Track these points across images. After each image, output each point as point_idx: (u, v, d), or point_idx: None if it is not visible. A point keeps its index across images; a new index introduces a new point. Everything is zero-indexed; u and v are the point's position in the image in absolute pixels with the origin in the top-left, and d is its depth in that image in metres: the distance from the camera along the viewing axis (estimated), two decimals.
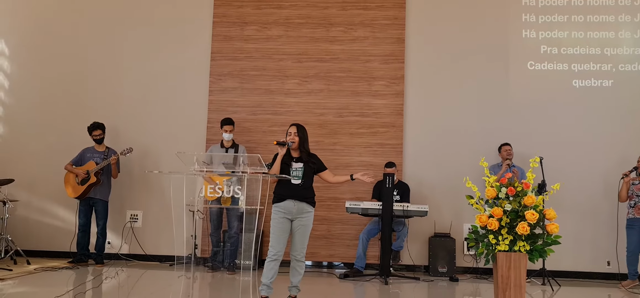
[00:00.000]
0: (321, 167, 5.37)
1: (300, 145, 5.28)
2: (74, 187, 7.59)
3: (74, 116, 8.33)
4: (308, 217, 5.19)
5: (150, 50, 8.51)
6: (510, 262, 4.37)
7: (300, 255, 5.19)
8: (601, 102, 8.11)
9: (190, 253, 7.46)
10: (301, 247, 5.18)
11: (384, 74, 8.28)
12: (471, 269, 7.86)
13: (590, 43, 8.24)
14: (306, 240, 5.21)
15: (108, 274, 7.07)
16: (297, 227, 5.16)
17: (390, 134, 8.20)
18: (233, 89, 8.37)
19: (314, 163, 5.30)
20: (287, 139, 5.27)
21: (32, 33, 8.66)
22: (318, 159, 5.38)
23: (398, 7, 8.37)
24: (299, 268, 5.23)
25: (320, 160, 5.40)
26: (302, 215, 5.16)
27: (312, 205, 5.26)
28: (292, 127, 5.31)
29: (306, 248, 5.24)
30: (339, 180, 5.47)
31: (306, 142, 5.31)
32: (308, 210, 5.19)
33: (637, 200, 7.10)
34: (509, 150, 7.72)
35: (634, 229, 7.10)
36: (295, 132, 5.26)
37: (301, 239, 5.18)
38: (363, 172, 5.35)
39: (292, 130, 5.28)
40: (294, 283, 5.26)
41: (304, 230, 5.17)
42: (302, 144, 5.28)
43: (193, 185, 5.45)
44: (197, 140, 8.27)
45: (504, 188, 4.44)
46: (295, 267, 5.23)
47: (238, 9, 8.47)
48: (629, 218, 7.19)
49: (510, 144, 7.75)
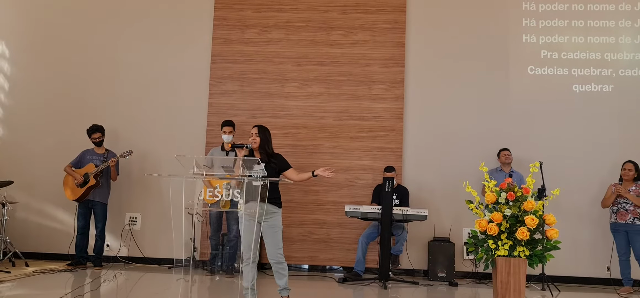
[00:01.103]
0: (284, 166, 5.29)
1: (261, 146, 5.26)
2: (73, 190, 7.57)
3: (74, 118, 8.32)
4: (275, 217, 5.13)
5: (150, 52, 8.52)
6: (509, 267, 4.36)
7: (277, 257, 5.13)
8: (601, 107, 8.10)
9: (189, 256, 7.47)
10: (275, 249, 5.12)
11: (384, 78, 8.28)
12: (470, 274, 7.85)
13: (590, 48, 8.24)
14: (279, 240, 5.14)
15: (106, 277, 7.05)
16: (265, 229, 5.12)
17: (390, 137, 8.19)
18: (233, 92, 8.36)
19: (275, 164, 5.23)
20: (248, 141, 5.26)
21: (32, 36, 8.67)
22: (282, 158, 5.33)
23: (398, 11, 8.37)
24: (282, 270, 5.19)
25: (284, 160, 5.33)
26: (268, 216, 5.10)
27: (278, 206, 5.19)
28: (253, 128, 5.31)
29: (281, 248, 5.17)
30: (302, 177, 5.35)
31: (268, 143, 5.29)
32: (273, 211, 5.13)
33: (620, 206, 7.13)
34: (507, 155, 7.71)
35: (620, 233, 7.16)
36: (256, 133, 5.25)
37: (272, 241, 5.12)
38: (324, 168, 5.26)
39: (253, 131, 5.28)
40: (281, 285, 5.22)
41: (273, 231, 5.11)
42: (264, 145, 5.26)
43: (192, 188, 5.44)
44: (196, 143, 8.26)
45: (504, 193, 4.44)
46: (277, 270, 5.19)
47: (238, 12, 8.47)
48: (612, 223, 7.24)
49: (508, 149, 7.75)
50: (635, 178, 7.18)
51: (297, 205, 8.13)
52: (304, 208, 8.15)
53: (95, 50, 8.56)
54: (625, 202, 7.11)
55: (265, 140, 5.28)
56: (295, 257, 8.12)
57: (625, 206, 7.10)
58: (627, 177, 7.19)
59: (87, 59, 8.55)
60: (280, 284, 5.23)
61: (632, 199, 7.02)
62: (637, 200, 7.00)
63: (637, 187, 7.10)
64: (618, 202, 7.18)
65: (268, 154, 5.25)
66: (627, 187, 7.15)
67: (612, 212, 7.26)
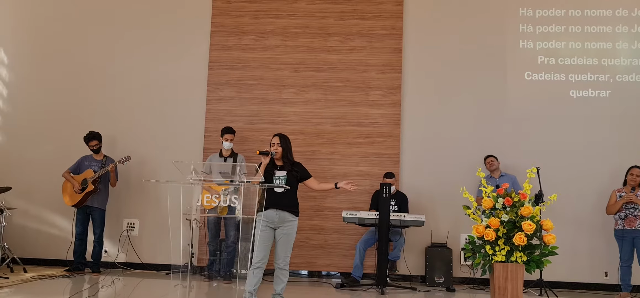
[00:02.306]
0: (305, 175, 5.44)
1: (284, 154, 5.35)
2: (71, 195, 7.57)
3: (72, 124, 8.33)
4: (291, 226, 5.24)
5: (148, 59, 8.53)
6: (507, 272, 4.37)
7: (283, 264, 5.23)
8: (599, 113, 8.12)
9: (187, 262, 7.46)
10: (284, 255, 5.22)
11: (381, 84, 8.30)
12: (468, 279, 7.85)
13: (587, 54, 8.27)
14: (289, 248, 5.25)
15: (104, 283, 7.05)
16: (280, 236, 5.22)
17: (387, 143, 8.21)
18: (230, 98, 8.37)
19: (297, 172, 5.35)
20: (270, 149, 5.34)
21: (30, 42, 8.68)
22: (302, 167, 5.45)
23: (395, 17, 8.40)
24: (283, 277, 5.27)
25: (304, 168, 5.47)
26: (284, 224, 5.22)
27: (295, 215, 5.30)
28: (275, 137, 5.41)
29: (289, 256, 5.28)
30: (324, 187, 5.55)
31: (289, 152, 5.41)
32: (290, 220, 5.24)
33: (628, 212, 7.10)
34: (491, 161, 7.73)
35: (626, 240, 7.09)
36: (278, 143, 5.36)
37: (284, 248, 5.22)
38: (347, 181, 5.43)
39: (275, 141, 5.38)
40: (277, 291, 5.28)
41: (286, 239, 5.22)
42: (286, 154, 5.36)
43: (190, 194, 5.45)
44: (194, 149, 8.26)
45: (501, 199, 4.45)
46: (278, 275, 5.26)
47: (236, 18, 8.49)
48: (618, 230, 7.17)
49: (493, 155, 7.78)
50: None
51: None
52: (301, 214, 7.91)
53: (93, 57, 8.57)
54: (634, 208, 7.05)
55: (287, 148, 5.41)
56: (293, 263, 8.04)
57: (634, 212, 7.05)
58: (633, 182, 7.16)
59: (86, 66, 8.56)
60: (276, 289, 5.28)
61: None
62: None
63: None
64: (626, 208, 7.11)
65: (291, 162, 5.34)
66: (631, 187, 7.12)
67: (619, 218, 7.18)
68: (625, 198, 7.09)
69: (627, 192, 7.11)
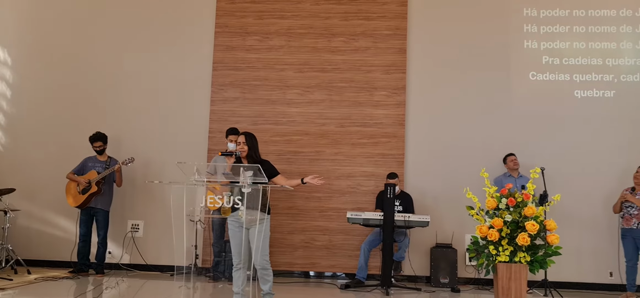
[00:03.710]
0: (273, 172, 5.30)
1: (249, 154, 5.28)
2: (75, 197, 7.59)
3: (76, 126, 8.35)
4: (262, 224, 5.14)
5: (152, 60, 8.54)
6: (510, 273, 4.35)
7: (262, 264, 5.15)
8: (603, 113, 8.09)
9: (191, 263, 7.47)
10: (262, 255, 5.13)
11: (385, 84, 8.28)
12: (473, 280, 7.83)
13: (591, 54, 8.24)
14: (265, 247, 5.15)
15: (108, 284, 7.06)
16: (253, 235, 5.14)
17: (391, 144, 8.19)
18: (235, 99, 8.38)
19: (264, 170, 5.23)
20: (236, 149, 5.29)
21: (34, 43, 8.70)
22: (270, 165, 5.33)
23: (400, 17, 8.38)
24: (266, 276, 5.21)
25: (272, 166, 5.34)
26: (254, 223, 5.12)
27: (266, 212, 5.19)
28: (241, 136, 5.33)
29: (267, 255, 5.19)
30: (292, 183, 5.34)
31: (256, 151, 5.33)
32: (261, 218, 5.14)
33: (626, 211, 7.11)
34: (515, 160, 7.71)
35: (628, 239, 7.12)
36: (244, 142, 5.28)
37: (259, 247, 5.12)
38: (313, 176, 5.28)
39: (241, 140, 5.30)
40: (265, 290, 5.24)
41: (259, 237, 5.11)
42: (252, 153, 5.29)
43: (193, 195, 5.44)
44: (198, 150, 8.27)
45: (504, 199, 4.43)
46: (262, 275, 5.21)
47: (240, 19, 8.50)
48: (622, 229, 7.23)
49: (515, 154, 7.74)
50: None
51: (299, 211, 8.13)
52: (306, 215, 8.15)
53: (97, 58, 8.59)
54: (631, 206, 7.07)
55: (253, 147, 5.32)
56: (297, 264, 8.12)
57: (630, 211, 7.06)
58: (638, 181, 7.14)
59: (89, 67, 8.58)
60: (264, 289, 5.25)
61: (638, 203, 6.97)
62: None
63: None
64: (624, 207, 7.16)
65: (256, 161, 5.26)
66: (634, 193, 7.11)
67: (621, 217, 7.23)
68: (621, 198, 7.12)
69: (627, 192, 7.11)
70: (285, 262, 8.10)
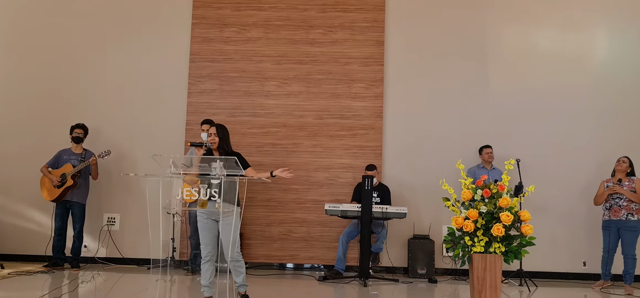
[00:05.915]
0: (244, 164, 5.25)
1: (220, 145, 5.27)
2: (50, 190, 7.49)
3: (51, 118, 8.24)
4: (231, 216, 5.12)
5: (129, 51, 8.45)
6: (485, 263, 4.39)
7: (234, 256, 5.13)
8: (580, 105, 8.19)
9: (168, 257, 7.41)
10: (232, 247, 5.10)
11: (363, 77, 8.29)
12: (450, 271, 7.90)
13: (568, 45, 8.32)
14: (235, 239, 5.13)
15: (84, 278, 6.99)
16: (222, 227, 5.12)
17: (369, 136, 8.21)
18: (212, 90, 8.33)
19: None
20: (207, 140, 5.27)
21: (9, 34, 8.55)
22: (241, 157, 5.31)
23: (377, 9, 8.39)
24: (239, 268, 5.20)
25: (243, 158, 5.32)
26: (225, 215, 5.09)
27: (235, 204, 5.15)
28: (212, 128, 5.31)
29: (238, 247, 5.19)
30: (261, 176, 5.30)
31: (227, 142, 5.31)
32: (230, 210, 5.13)
33: (613, 202, 7.16)
34: (490, 153, 7.76)
35: (612, 230, 7.14)
36: (214, 133, 5.26)
37: (228, 239, 5.09)
38: (282, 169, 5.26)
39: (212, 131, 5.28)
40: (239, 282, 5.25)
41: (229, 229, 5.08)
42: (222, 144, 5.27)
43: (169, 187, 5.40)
44: (175, 142, 8.21)
45: (480, 190, 4.46)
46: (234, 267, 5.19)
47: (217, 10, 8.43)
48: (605, 221, 7.25)
49: (491, 146, 7.80)
50: (629, 173, 7.20)
51: (277, 203, 8.12)
52: (284, 207, 8.14)
53: (73, 49, 8.47)
54: (619, 198, 7.09)
55: (224, 139, 5.30)
56: (275, 256, 8.11)
57: (619, 202, 7.09)
58: (621, 168, 7.18)
59: (65, 58, 8.46)
60: (237, 281, 5.25)
61: (626, 194, 7.03)
62: (631, 195, 7.02)
63: (630, 183, 7.13)
64: (611, 199, 7.17)
65: (227, 153, 5.24)
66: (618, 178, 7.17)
67: (606, 209, 7.25)
68: (610, 189, 7.14)
69: (614, 184, 7.16)
70: (263, 254, 8.09)
